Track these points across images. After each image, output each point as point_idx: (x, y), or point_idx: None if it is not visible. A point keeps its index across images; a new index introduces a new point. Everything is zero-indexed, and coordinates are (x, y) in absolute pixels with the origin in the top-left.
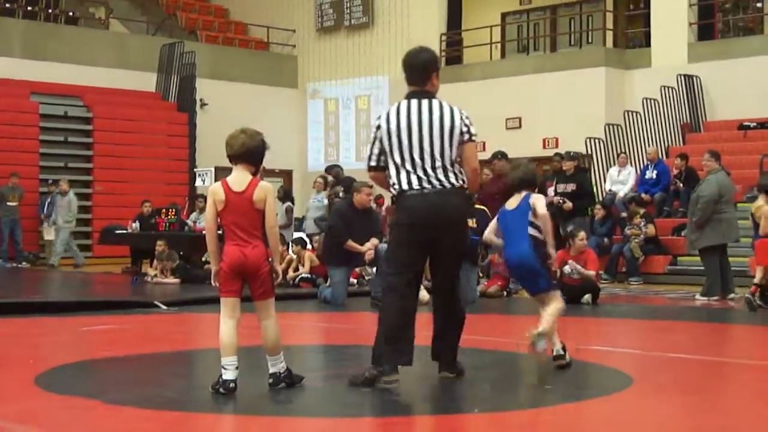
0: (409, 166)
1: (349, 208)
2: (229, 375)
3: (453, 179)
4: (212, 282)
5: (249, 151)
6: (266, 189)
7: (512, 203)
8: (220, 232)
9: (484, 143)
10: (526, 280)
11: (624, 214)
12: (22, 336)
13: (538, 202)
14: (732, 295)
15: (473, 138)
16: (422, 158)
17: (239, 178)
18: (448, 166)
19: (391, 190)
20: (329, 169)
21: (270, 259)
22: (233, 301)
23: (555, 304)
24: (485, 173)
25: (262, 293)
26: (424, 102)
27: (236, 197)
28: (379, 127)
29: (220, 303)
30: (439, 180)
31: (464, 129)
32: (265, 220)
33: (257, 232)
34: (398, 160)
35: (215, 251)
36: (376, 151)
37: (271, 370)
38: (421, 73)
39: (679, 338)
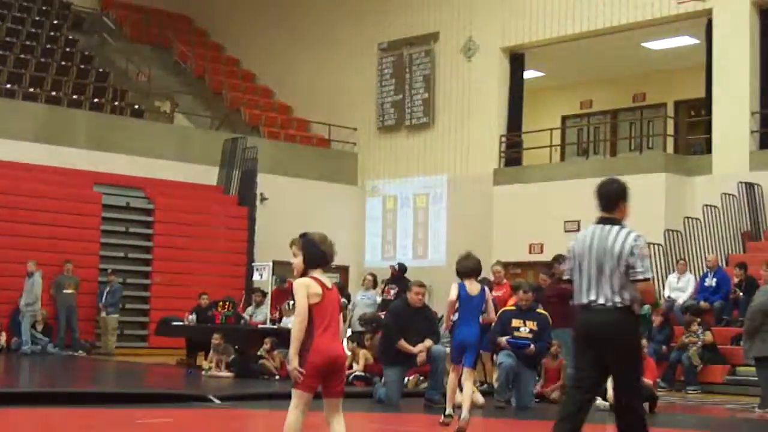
0: (585, 284)
1: (403, 306)
2: None
3: (618, 299)
4: (290, 369)
5: (331, 258)
6: None
7: (473, 289)
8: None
9: (542, 245)
10: (466, 357)
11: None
12: (76, 427)
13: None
14: None
15: (639, 277)
16: (596, 278)
17: (324, 278)
18: (616, 288)
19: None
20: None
21: None
22: (310, 397)
23: (471, 380)
24: (542, 278)
25: (341, 390)
26: (606, 228)
27: (330, 293)
28: (572, 248)
29: (295, 395)
30: (605, 298)
31: (631, 263)
32: None
33: None
34: (578, 277)
35: (299, 344)
36: (568, 266)
37: None
38: (610, 201)
39: None
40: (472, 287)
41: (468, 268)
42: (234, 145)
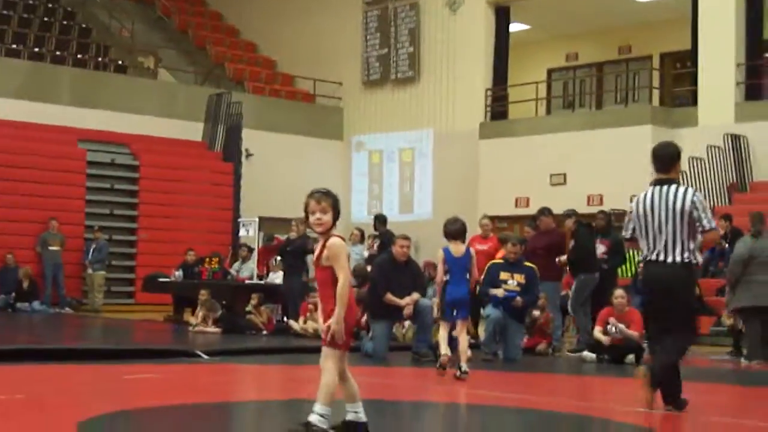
0: (649, 242)
1: (389, 261)
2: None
3: (679, 255)
4: (333, 335)
5: None
6: None
7: (458, 251)
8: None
9: (528, 199)
10: (459, 310)
11: None
12: (64, 383)
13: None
14: None
15: (706, 228)
16: (659, 236)
17: None
18: (678, 243)
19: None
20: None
21: None
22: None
23: (465, 332)
24: (526, 230)
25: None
26: (665, 188)
27: None
28: (632, 209)
29: (332, 355)
30: (667, 254)
31: (695, 216)
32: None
33: None
34: (643, 235)
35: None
36: (630, 225)
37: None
38: (666, 163)
39: (719, 401)
40: (458, 249)
41: (454, 230)
42: (218, 100)
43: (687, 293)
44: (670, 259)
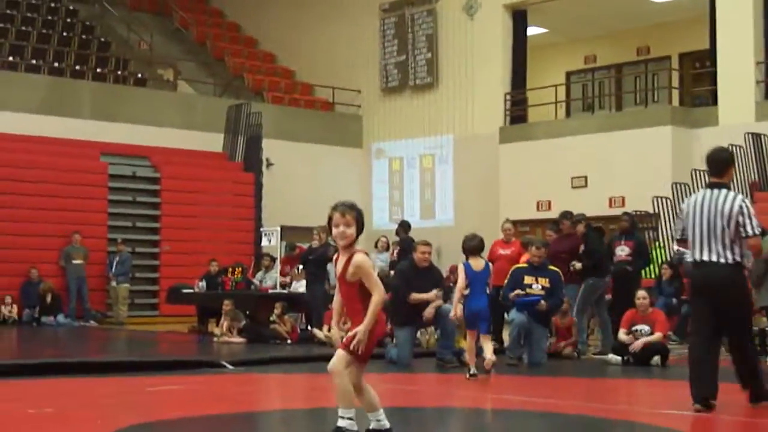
0: (698, 243)
1: (410, 267)
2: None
3: (729, 255)
4: (356, 343)
5: None
6: None
7: (478, 266)
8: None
9: (549, 202)
10: (481, 324)
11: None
12: (90, 396)
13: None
14: None
15: (749, 233)
16: (708, 237)
17: None
18: (727, 245)
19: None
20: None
21: None
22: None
23: (490, 343)
24: (548, 234)
25: None
26: (715, 192)
27: None
28: (683, 210)
29: (345, 359)
30: (718, 256)
31: (741, 222)
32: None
33: None
34: (692, 236)
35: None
36: (680, 226)
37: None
38: (720, 168)
39: (743, 401)
40: (478, 263)
41: (473, 246)
42: (238, 111)
43: (740, 292)
44: (722, 260)
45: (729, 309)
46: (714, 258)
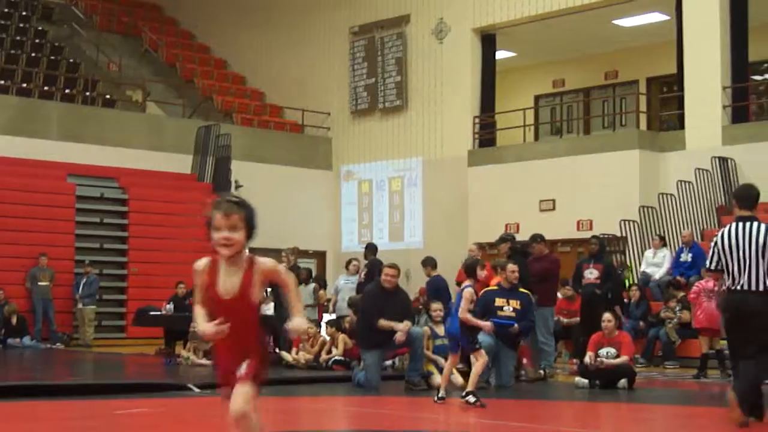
0: (734, 272)
1: (377, 289)
2: None
3: (762, 284)
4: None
5: None
6: None
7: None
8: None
9: (517, 225)
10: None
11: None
12: (56, 419)
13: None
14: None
15: None
16: (743, 266)
17: None
18: (761, 273)
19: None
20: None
21: None
22: None
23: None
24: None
25: None
26: (747, 225)
27: None
28: (716, 243)
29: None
30: (754, 283)
31: None
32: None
33: None
34: (728, 267)
35: None
36: (715, 258)
37: None
38: (750, 202)
39: (710, 424)
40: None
41: (466, 266)
42: (207, 132)
43: None
44: (754, 288)
45: (761, 332)
46: (748, 286)
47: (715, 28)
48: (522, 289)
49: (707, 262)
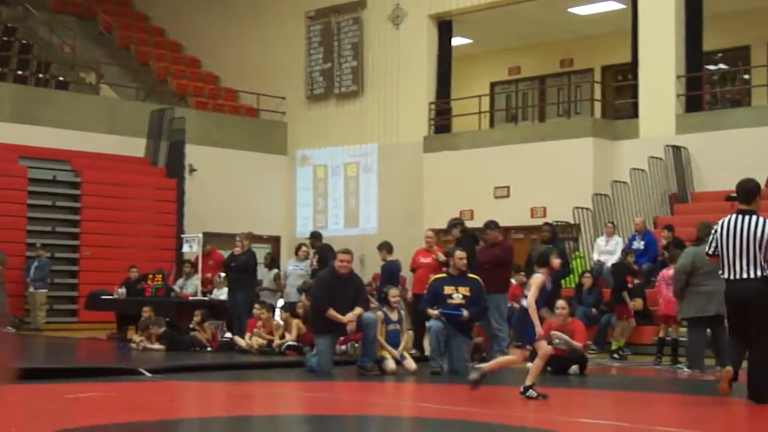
0: (731, 261)
1: (330, 275)
2: None
3: (758, 272)
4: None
5: None
6: None
7: None
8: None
9: (472, 211)
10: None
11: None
12: (4, 403)
13: None
14: (718, 369)
15: None
16: (740, 256)
17: None
18: (758, 263)
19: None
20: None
21: None
22: None
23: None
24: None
25: None
26: (746, 218)
27: None
28: (716, 230)
29: None
30: (748, 272)
31: None
32: None
33: None
34: (725, 254)
35: None
36: (713, 244)
37: None
38: (749, 196)
39: (663, 410)
40: None
41: None
42: (161, 115)
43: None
44: (751, 275)
45: (758, 318)
46: (745, 275)
47: (670, 17)
48: (471, 275)
49: (706, 247)
